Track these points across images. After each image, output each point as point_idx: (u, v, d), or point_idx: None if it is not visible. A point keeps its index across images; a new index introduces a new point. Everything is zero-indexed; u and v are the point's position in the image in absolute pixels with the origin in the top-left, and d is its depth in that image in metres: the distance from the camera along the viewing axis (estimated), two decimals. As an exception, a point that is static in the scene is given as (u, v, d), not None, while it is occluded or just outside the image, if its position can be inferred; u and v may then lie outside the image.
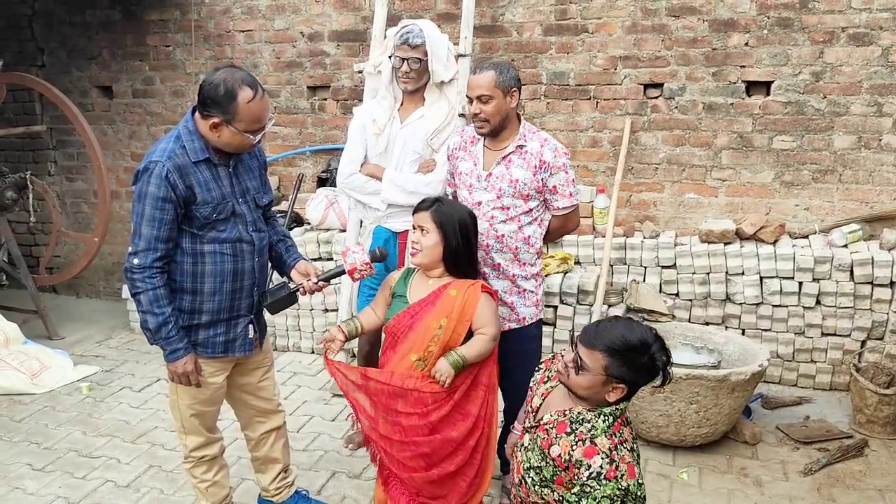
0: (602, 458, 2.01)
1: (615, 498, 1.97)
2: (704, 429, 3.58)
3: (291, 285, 2.84)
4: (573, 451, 2.05)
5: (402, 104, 3.51)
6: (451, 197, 3.23)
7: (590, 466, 2.00)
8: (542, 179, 2.98)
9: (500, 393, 3.29)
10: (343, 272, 2.81)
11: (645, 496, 2.05)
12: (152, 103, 5.77)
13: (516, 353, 3.09)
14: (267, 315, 2.97)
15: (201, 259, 2.63)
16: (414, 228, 2.82)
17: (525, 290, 3.09)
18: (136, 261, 2.53)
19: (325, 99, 5.33)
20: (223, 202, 2.61)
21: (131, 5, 5.65)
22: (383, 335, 2.91)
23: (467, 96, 3.00)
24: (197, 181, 2.55)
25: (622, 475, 1.99)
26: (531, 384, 2.41)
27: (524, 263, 3.07)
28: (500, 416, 3.30)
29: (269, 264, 2.92)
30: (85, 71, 5.88)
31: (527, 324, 3.12)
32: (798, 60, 4.34)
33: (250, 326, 2.79)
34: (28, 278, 5.45)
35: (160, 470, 3.63)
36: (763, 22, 4.36)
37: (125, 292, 5.49)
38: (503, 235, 3.01)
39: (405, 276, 2.91)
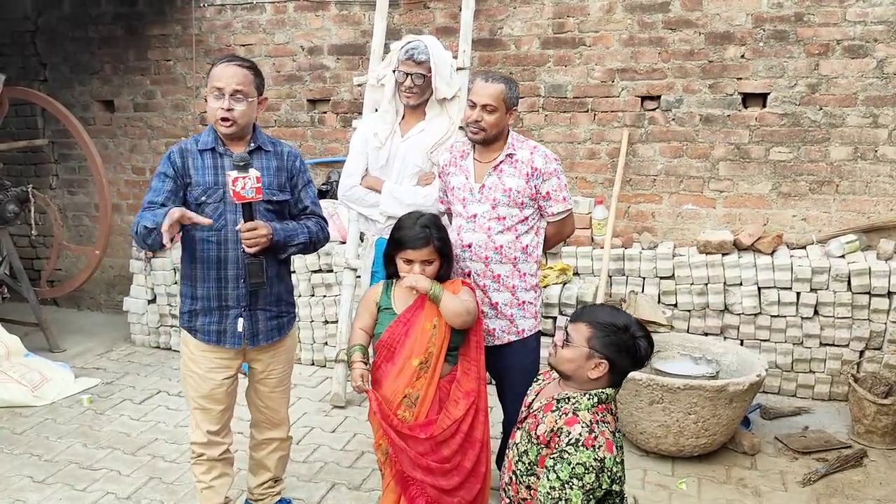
0: (582, 427, 2.06)
1: (590, 468, 2.00)
2: (703, 439, 3.59)
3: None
4: (556, 423, 2.10)
5: (403, 118, 3.54)
6: (444, 214, 3.26)
7: (569, 433, 2.06)
8: (534, 186, 3.00)
9: (494, 405, 3.31)
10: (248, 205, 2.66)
11: (622, 477, 2.07)
12: (153, 117, 5.81)
13: (516, 367, 3.11)
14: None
15: (193, 245, 2.80)
16: (408, 261, 2.82)
17: (525, 301, 3.10)
18: (135, 218, 2.72)
19: (325, 112, 5.37)
20: (214, 187, 2.77)
21: (133, 21, 5.70)
22: (372, 350, 2.93)
23: (471, 100, 2.98)
24: (195, 165, 2.78)
25: (599, 446, 2.02)
26: (528, 391, 2.45)
27: (524, 274, 3.08)
28: (500, 428, 3.32)
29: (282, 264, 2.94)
30: (87, 85, 5.93)
31: (526, 336, 3.12)
32: (794, 72, 4.38)
33: (239, 320, 2.83)
34: (30, 291, 5.47)
35: (160, 482, 3.64)
36: (759, 35, 4.40)
37: (126, 305, 5.51)
38: (501, 246, 3.03)
39: (386, 288, 2.94)
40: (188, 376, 2.93)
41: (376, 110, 3.82)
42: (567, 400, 2.17)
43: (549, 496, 2.03)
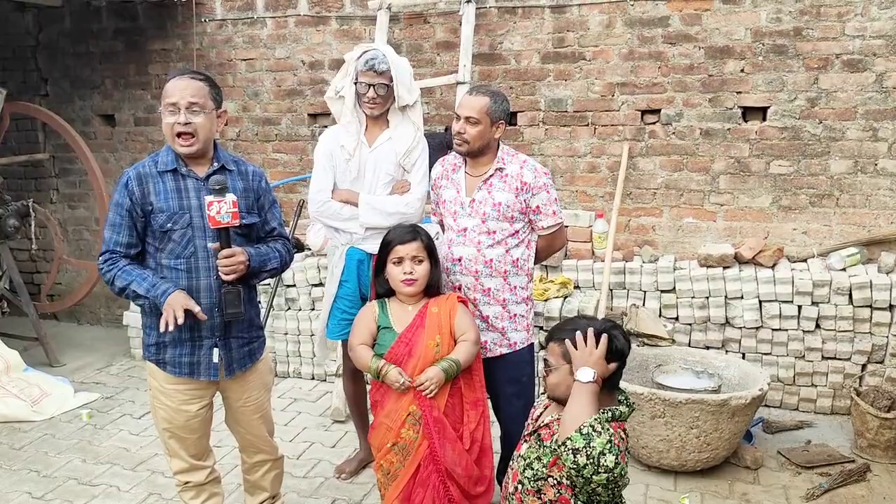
0: (606, 433, 1.99)
1: (616, 457, 1.95)
2: (705, 454, 3.57)
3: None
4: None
5: (366, 128, 3.49)
6: (438, 226, 3.27)
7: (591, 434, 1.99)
8: (524, 200, 3.01)
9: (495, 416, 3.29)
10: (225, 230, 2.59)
11: (622, 475, 2.03)
12: (154, 131, 5.82)
13: (510, 379, 3.11)
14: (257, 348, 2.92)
15: (159, 274, 2.65)
16: (398, 261, 2.85)
17: (516, 314, 3.10)
18: (100, 259, 2.66)
19: (326, 126, 5.35)
20: (180, 212, 2.63)
21: (134, 36, 5.72)
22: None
23: (455, 113, 3.06)
24: (156, 190, 2.64)
25: (619, 452, 1.97)
26: (535, 403, 2.43)
27: (515, 287, 3.08)
28: (497, 445, 3.29)
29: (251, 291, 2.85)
30: (88, 100, 5.95)
31: (518, 348, 3.12)
32: (793, 86, 4.39)
33: (214, 350, 2.71)
34: (29, 305, 5.46)
35: (160, 498, 3.62)
36: (758, 49, 4.41)
37: (126, 319, 5.50)
38: (491, 260, 3.03)
39: (381, 308, 2.94)
40: (159, 409, 2.80)
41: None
42: None
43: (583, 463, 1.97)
